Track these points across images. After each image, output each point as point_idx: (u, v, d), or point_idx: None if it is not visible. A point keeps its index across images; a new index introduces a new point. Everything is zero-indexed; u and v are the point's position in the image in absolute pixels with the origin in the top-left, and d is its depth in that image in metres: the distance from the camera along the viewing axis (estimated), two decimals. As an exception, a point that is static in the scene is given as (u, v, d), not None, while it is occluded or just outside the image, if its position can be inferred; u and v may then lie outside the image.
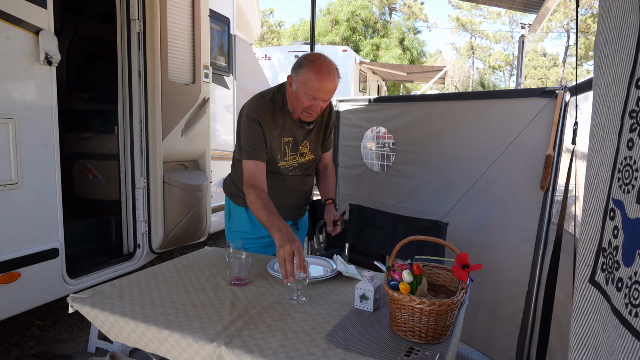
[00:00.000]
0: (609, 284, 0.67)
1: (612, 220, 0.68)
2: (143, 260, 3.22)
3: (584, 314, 0.76)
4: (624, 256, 0.63)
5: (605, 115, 0.74)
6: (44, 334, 2.84)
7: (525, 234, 2.32)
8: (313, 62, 1.78)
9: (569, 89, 2.11)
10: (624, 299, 0.60)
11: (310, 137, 2.04)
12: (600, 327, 0.69)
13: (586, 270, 0.77)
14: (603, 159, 0.74)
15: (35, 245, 2.37)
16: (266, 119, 1.90)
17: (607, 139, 0.72)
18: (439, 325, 1.22)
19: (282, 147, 1.97)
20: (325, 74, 1.77)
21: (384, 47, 24.60)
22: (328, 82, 1.79)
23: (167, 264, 1.85)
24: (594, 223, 0.76)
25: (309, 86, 1.77)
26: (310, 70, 1.77)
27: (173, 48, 3.20)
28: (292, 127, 1.97)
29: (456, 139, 2.67)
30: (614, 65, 0.71)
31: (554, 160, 2.15)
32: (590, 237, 0.76)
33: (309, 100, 1.81)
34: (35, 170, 2.35)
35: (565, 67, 29.36)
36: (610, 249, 0.68)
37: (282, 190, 2.06)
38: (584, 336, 0.75)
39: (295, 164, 2.04)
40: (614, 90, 0.71)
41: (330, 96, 1.84)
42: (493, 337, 2.54)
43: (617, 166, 0.67)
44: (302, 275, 1.44)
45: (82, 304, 1.43)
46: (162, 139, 3.12)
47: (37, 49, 2.31)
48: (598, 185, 0.75)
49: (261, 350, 1.16)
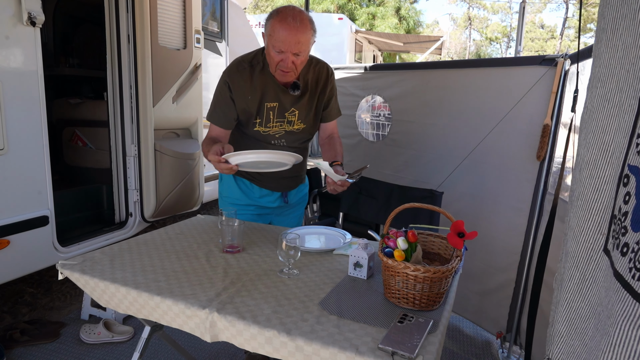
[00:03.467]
0: (614, 249, 0.66)
1: (625, 187, 0.66)
2: (135, 228, 3.20)
3: (596, 282, 0.74)
4: (633, 221, 0.61)
5: (624, 78, 0.70)
6: (36, 301, 2.84)
7: (520, 204, 2.31)
8: (279, 13, 1.67)
9: (569, 57, 2.07)
10: (629, 264, 0.59)
11: (300, 105, 1.90)
12: (604, 293, 0.68)
13: (601, 238, 0.75)
14: (620, 124, 0.71)
15: (24, 212, 2.33)
16: (239, 82, 1.81)
17: (626, 104, 0.69)
18: (433, 293, 1.21)
19: (264, 112, 1.86)
20: (290, 22, 1.63)
21: (380, 16, 24.13)
22: (294, 31, 1.63)
23: (159, 232, 1.83)
24: (608, 190, 0.73)
25: (274, 37, 1.65)
26: (276, 19, 1.65)
27: (163, 11, 3.09)
28: (276, 92, 1.85)
29: (453, 108, 2.63)
30: (634, 26, 0.67)
31: (552, 130, 2.12)
32: (605, 204, 0.74)
33: (277, 54, 1.68)
34: (22, 136, 2.29)
35: (563, 40, 29.04)
36: (619, 215, 0.66)
37: None
38: (594, 304, 0.73)
39: (281, 132, 1.93)
40: (634, 52, 0.67)
41: (300, 49, 1.67)
42: (484, 307, 2.57)
43: (637, 131, 0.64)
44: (291, 252, 1.41)
45: (72, 270, 1.40)
46: (152, 106, 3.06)
47: (20, 9, 2.21)
48: (614, 151, 0.72)
49: (254, 317, 1.15)
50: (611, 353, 0.58)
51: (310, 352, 1.05)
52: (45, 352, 2.31)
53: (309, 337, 1.06)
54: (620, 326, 0.57)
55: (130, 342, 2.41)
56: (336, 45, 11.19)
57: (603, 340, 0.61)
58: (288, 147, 1.96)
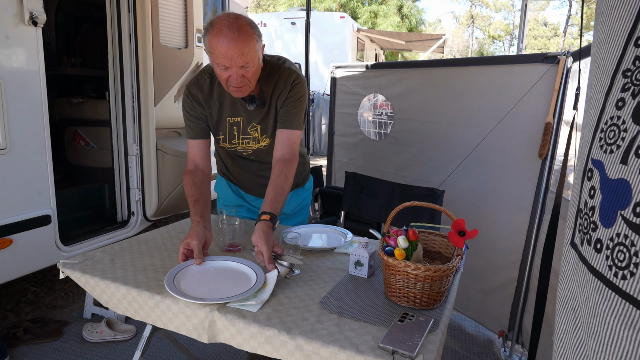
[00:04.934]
0: (584, 244, 0.66)
1: (589, 181, 0.67)
2: (137, 227, 3.21)
3: (565, 276, 0.75)
4: (602, 217, 0.61)
5: (594, 74, 0.71)
6: (39, 300, 2.85)
7: (522, 202, 2.31)
8: (214, 25, 1.46)
9: (571, 54, 2.06)
10: (607, 261, 0.59)
11: (260, 119, 1.73)
12: (577, 288, 0.69)
13: (568, 232, 0.76)
14: (587, 119, 0.71)
15: (26, 211, 2.34)
16: (199, 95, 1.71)
17: (593, 99, 0.70)
18: (434, 291, 1.21)
19: (227, 127, 1.75)
20: (227, 33, 1.43)
21: (382, 14, 24.06)
22: (234, 42, 1.43)
23: (160, 230, 1.83)
24: (577, 185, 0.74)
25: (214, 54, 1.47)
26: (211, 34, 1.46)
27: (164, 10, 3.09)
28: (237, 106, 1.71)
29: (455, 106, 2.62)
30: (609, 22, 0.67)
31: (554, 128, 2.11)
32: (574, 199, 0.75)
33: (223, 71, 1.50)
34: (24, 135, 2.29)
35: (566, 38, 28.93)
36: (586, 209, 0.67)
37: (241, 169, 1.93)
38: (564, 297, 0.74)
39: (249, 150, 1.81)
40: (605, 47, 0.68)
41: (246, 60, 1.47)
42: (486, 305, 2.56)
43: (600, 126, 0.65)
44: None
45: (73, 269, 1.41)
46: (154, 105, 3.06)
47: (22, 9, 2.21)
48: (583, 146, 0.73)
49: (254, 316, 1.15)
50: (603, 353, 0.59)
51: (310, 351, 1.05)
52: (48, 351, 2.31)
53: (309, 336, 1.06)
54: (611, 327, 0.57)
55: (133, 341, 2.41)
56: (338, 43, 11.18)
57: (591, 339, 0.61)
58: (260, 163, 1.86)
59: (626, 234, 0.56)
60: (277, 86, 1.68)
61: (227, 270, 1.41)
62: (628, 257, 0.55)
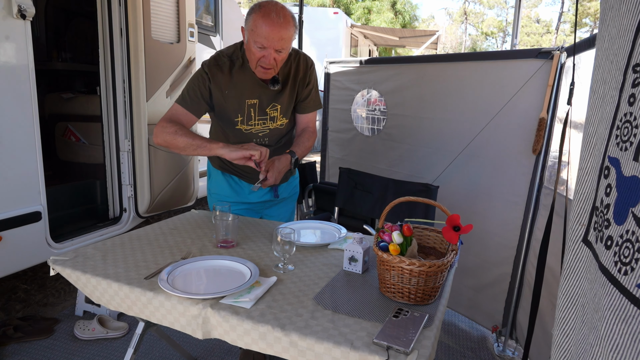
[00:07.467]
0: (597, 242, 0.66)
1: (605, 179, 0.66)
2: (130, 224, 3.18)
3: (575, 272, 0.75)
4: (615, 214, 0.61)
5: (608, 70, 0.70)
6: (30, 297, 2.81)
7: (515, 198, 2.31)
8: (262, 7, 1.62)
9: (565, 50, 2.06)
10: (614, 257, 0.59)
11: (281, 99, 1.87)
12: (588, 285, 0.68)
13: (580, 229, 0.75)
14: (603, 115, 0.71)
15: (16, 208, 2.31)
16: (218, 75, 1.77)
17: (608, 95, 0.69)
18: (429, 287, 1.20)
19: (245, 109, 1.83)
20: (273, 18, 1.59)
21: (376, 10, 24.05)
22: (278, 27, 1.59)
23: (153, 227, 1.81)
24: (589, 182, 0.73)
25: (256, 33, 1.61)
26: (258, 15, 1.61)
27: (156, 4, 3.05)
28: (256, 88, 1.81)
29: (448, 101, 2.62)
30: (619, 16, 0.66)
31: (547, 124, 2.11)
32: (586, 196, 0.74)
33: (259, 50, 1.64)
34: (13, 131, 2.25)
35: (559, 35, 29.07)
36: (602, 207, 0.66)
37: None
38: (573, 294, 0.74)
39: (265, 131, 1.90)
40: (617, 43, 0.67)
41: (283, 45, 1.64)
42: (478, 302, 2.57)
43: (617, 123, 0.64)
44: (287, 247, 1.39)
45: (64, 266, 1.39)
46: (146, 100, 3.02)
47: (9, 1, 2.17)
48: (596, 143, 0.72)
49: (247, 312, 1.13)
50: (598, 347, 0.58)
51: (305, 347, 1.04)
52: (39, 349, 2.29)
53: (303, 332, 1.05)
54: (608, 320, 0.57)
55: (125, 338, 2.39)
56: (331, 39, 11.14)
57: (591, 334, 0.61)
58: (270, 146, 1.92)
59: (634, 230, 0.55)
60: (299, 69, 1.87)
61: (220, 268, 1.40)
62: (632, 253, 0.55)
